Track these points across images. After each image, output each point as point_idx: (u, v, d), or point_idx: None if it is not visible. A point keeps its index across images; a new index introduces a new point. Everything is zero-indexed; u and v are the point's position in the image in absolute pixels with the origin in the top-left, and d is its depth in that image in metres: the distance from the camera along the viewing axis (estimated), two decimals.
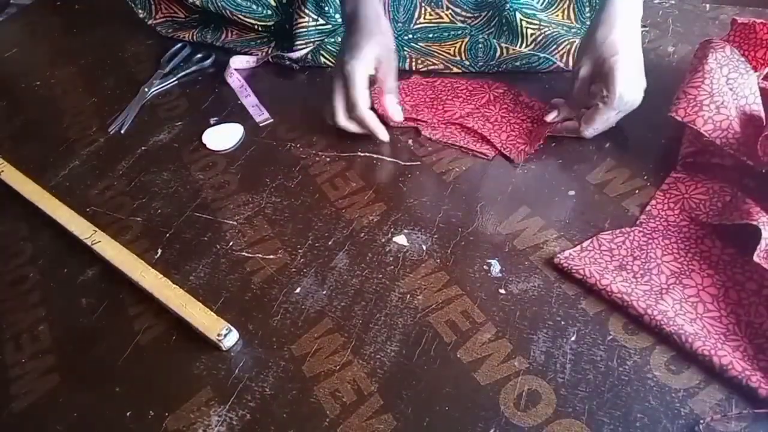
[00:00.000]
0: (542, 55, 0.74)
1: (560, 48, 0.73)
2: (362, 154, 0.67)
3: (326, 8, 0.78)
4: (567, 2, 0.78)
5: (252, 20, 0.82)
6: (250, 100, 0.76)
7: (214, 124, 0.74)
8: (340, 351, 0.49)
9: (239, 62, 0.81)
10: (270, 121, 0.73)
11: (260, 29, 0.84)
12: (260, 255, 0.58)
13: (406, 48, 0.78)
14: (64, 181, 0.69)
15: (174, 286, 0.54)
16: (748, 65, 0.58)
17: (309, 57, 0.78)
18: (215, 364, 0.50)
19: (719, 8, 0.79)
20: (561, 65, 0.73)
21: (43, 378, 0.51)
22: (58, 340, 0.54)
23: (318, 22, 0.78)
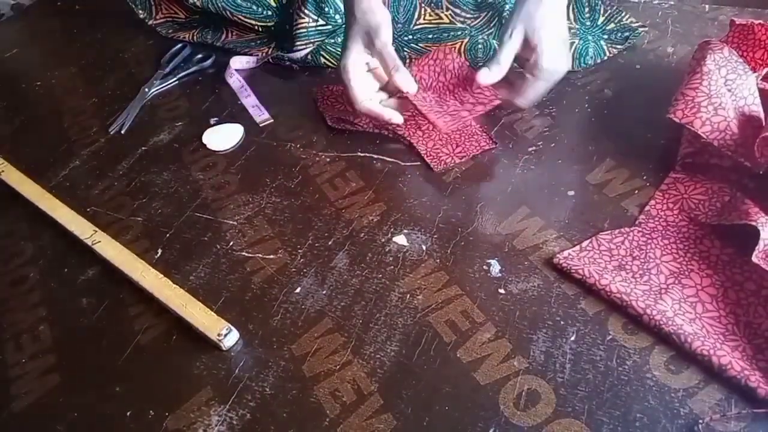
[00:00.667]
0: None
1: None
2: (362, 154, 0.67)
3: (326, 9, 0.78)
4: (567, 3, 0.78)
5: (252, 21, 0.82)
6: (250, 101, 0.76)
7: (214, 125, 0.74)
8: (340, 351, 0.49)
9: (239, 63, 0.81)
10: (270, 122, 0.73)
11: (260, 30, 0.84)
12: (260, 255, 0.58)
13: (406, 48, 0.78)
14: (65, 181, 0.69)
15: (174, 286, 0.54)
16: (747, 66, 0.58)
17: (309, 57, 0.78)
18: (215, 364, 0.50)
19: (718, 9, 0.79)
20: None
21: (43, 378, 0.51)
22: (59, 340, 0.54)
23: (318, 23, 0.78)
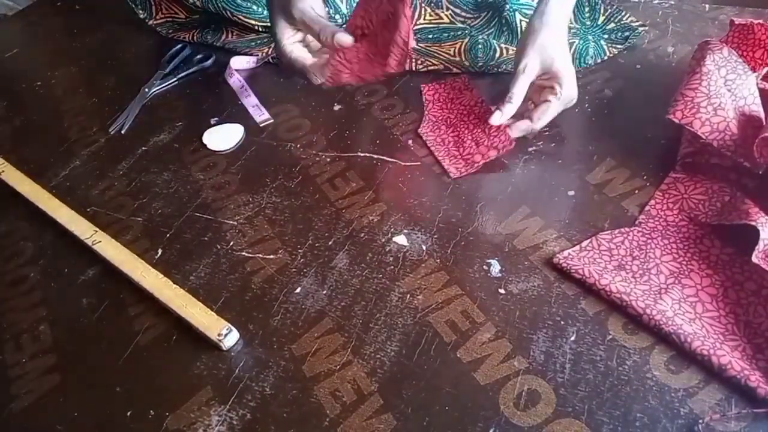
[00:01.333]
0: None
1: None
2: (362, 154, 0.67)
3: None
4: None
5: (252, 21, 0.82)
6: (251, 101, 0.76)
7: (215, 125, 0.74)
8: (340, 351, 0.49)
9: (239, 63, 0.81)
10: (270, 122, 0.73)
11: (260, 30, 0.84)
12: (260, 255, 0.58)
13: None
14: (65, 181, 0.69)
15: (174, 286, 0.54)
16: (747, 66, 0.58)
17: None
18: (215, 364, 0.50)
19: (719, 9, 0.79)
20: None
21: (44, 378, 0.51)
22: (59, 340, 0.54)
23: None
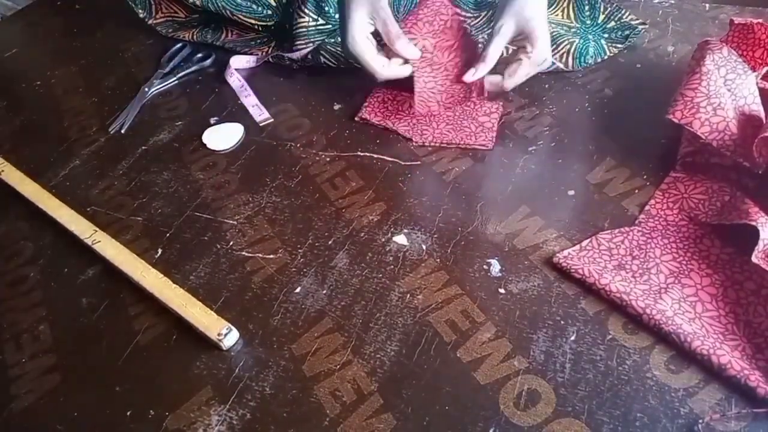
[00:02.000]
0: None
1: (560, 48, 0.73)
2: (362, 154, 0.67)
3: (326, 8, 0.78)
4: (566, 2, 0.78)
5: (252, 20, 0.82)
6: (251, 100, 0.76)
7: (215, 124, 0.74)
8: (340, 350, 0.49)
9: (239, 62, 0.81)
10: (270, 121, 0.73)
11: (260, 29, 0.84)
12: (260, 255, 0.58)
13: None
14: (65, 181, 0.69)
15: (174, 286, 0.54)
16: (746, 66, 0.58)
17: (309, 57, 0.78)
18: (215, 364, 0.50)
19: (719, 8, 0.79)
20: (561, 66, 0.73)
21: (44, 378, 0.51)
22: (59, 340, 0.54)
23: (318, 22, 0.78)
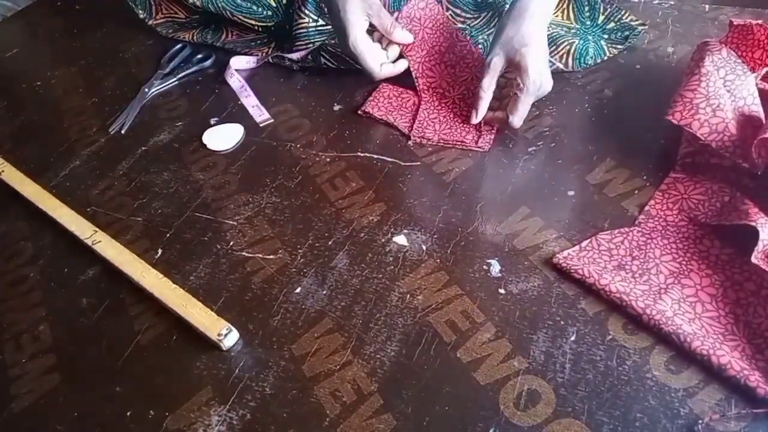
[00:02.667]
0: None
1: (560, 49, 0.73)
2: (362, 154, 0.67)
3: (326, 9, 0.78)
4: (566, 2, 0.78)
5: (252, 21, 0.82)
6: (251, 101, 0.76)
7: (215, 125, 0.74)
8: (340, 351, 0.49)
9: (239, 63, 0.81)
10: (270, 122, 0.73)
11: (260, 30, 0.84)
12: (260, 255, 0.58)
13: None
14: (65, 181, 0.69)
15: (174, 286, 0.55)
16: (746, 67, 0.58)
17: (309, 57, 0.78)
18: (215, 364, 0.50)
19: (718, 9, 0.79)
20: (560, 66, 0.73)
21: (43, 378, 0.51)
22: (59, 340, 0.54)
23: (318, 23, 0.78)
